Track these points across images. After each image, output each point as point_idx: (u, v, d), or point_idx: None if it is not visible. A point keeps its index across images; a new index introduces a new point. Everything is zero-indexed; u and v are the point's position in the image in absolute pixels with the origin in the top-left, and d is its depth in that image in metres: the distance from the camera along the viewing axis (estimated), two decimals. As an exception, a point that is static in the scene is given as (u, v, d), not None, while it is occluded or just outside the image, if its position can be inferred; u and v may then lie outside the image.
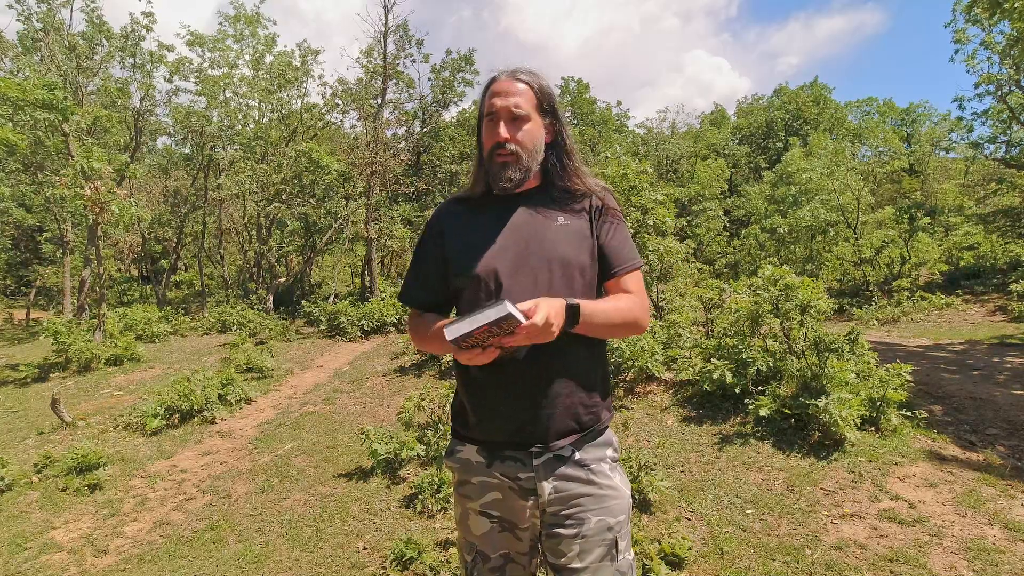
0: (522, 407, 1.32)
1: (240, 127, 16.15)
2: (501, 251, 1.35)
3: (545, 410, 1.32)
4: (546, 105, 1.40)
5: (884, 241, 15.70)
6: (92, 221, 10.05)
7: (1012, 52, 12.45)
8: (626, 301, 1.36)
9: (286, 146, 15.73)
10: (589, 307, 1.25)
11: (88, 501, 4.29)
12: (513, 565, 1.41)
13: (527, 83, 1.37)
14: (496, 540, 1.39)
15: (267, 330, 11.27)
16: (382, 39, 15.40)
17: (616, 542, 1.34)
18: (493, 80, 1.39)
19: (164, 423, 5.82)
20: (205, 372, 6.96)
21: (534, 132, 1.37)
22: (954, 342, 7.96)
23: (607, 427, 1.44)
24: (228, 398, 6.49)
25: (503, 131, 1.32)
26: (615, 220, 1.44)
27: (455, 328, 1.11)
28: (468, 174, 1.57)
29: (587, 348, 1.38)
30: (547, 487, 1.33)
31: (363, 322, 11.09)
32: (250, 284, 17.21)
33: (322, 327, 11.54)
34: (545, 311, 1.12)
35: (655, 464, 3.72)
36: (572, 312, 1.22)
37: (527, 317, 1.11)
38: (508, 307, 1.08)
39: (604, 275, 1.42)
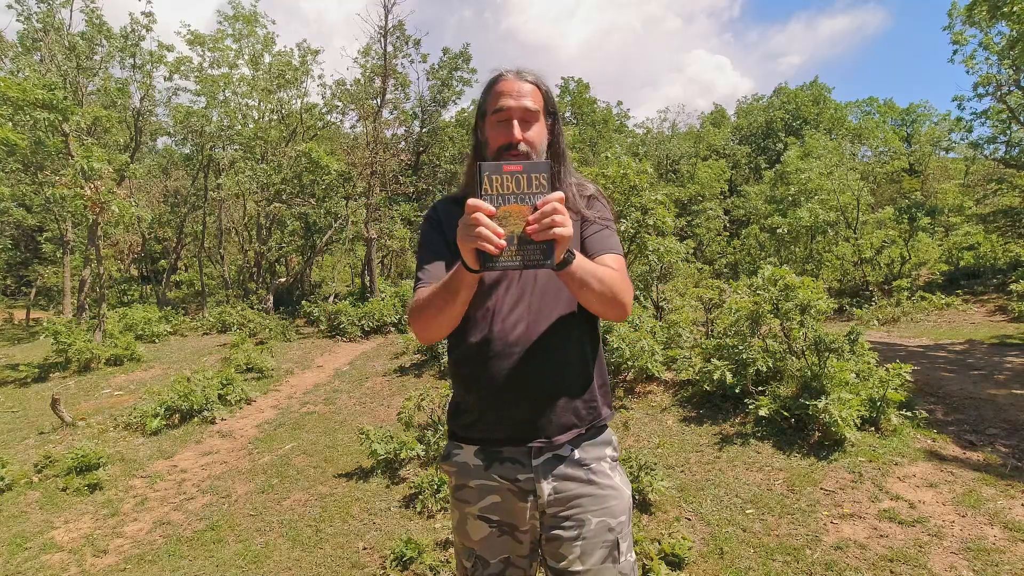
0: (521, 403, 1.31)
1: (240, 127, 16.14)
2: None
3: (545, 405, 1.31)
4: (550, 107, 1.40)
5: (884, 241, 15.69)
6: (92, 221, 10.06)
7: (1011, 53, 12.44)
8: (610, 271, 1.28)
9: (286, 146, 15.73)
10: (581, 256, 1.19)
11: (88, 501, 4.29)
12: (513, 569, 1.39)
13: (535, 84, 1.36)
14: (496, 544, 1.37)
15: (267, 330, 11.27)
16: (381, 39, 15.39)
17: (617, 543, 1.33)
18: (499, 78, 1.36)
19: (164, 423, 5.82)
20: (205, 372, 6.96)
21: (541, 133, 1.37)
22: (954, 342, 7.96)
23: (606, 425, 1.43)
24: (228, 398, 6.49)
25: (517, 132, 1.31)
26: (597, 223, 1.41)
27: (493, 164, 1.05)
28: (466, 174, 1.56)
29: (585, 341, 1.37)
30: (546, 488, 1.31)
31: (363, 322, 11.09)
32: (250, 284, 17.20)
33: (322, 327, 11.54)
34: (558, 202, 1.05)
35: (655, 464, 3.72)
36: (569, 252, 1.15)
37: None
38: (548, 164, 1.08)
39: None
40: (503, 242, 1.03)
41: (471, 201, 1.04)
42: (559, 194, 1.05)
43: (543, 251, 1.05)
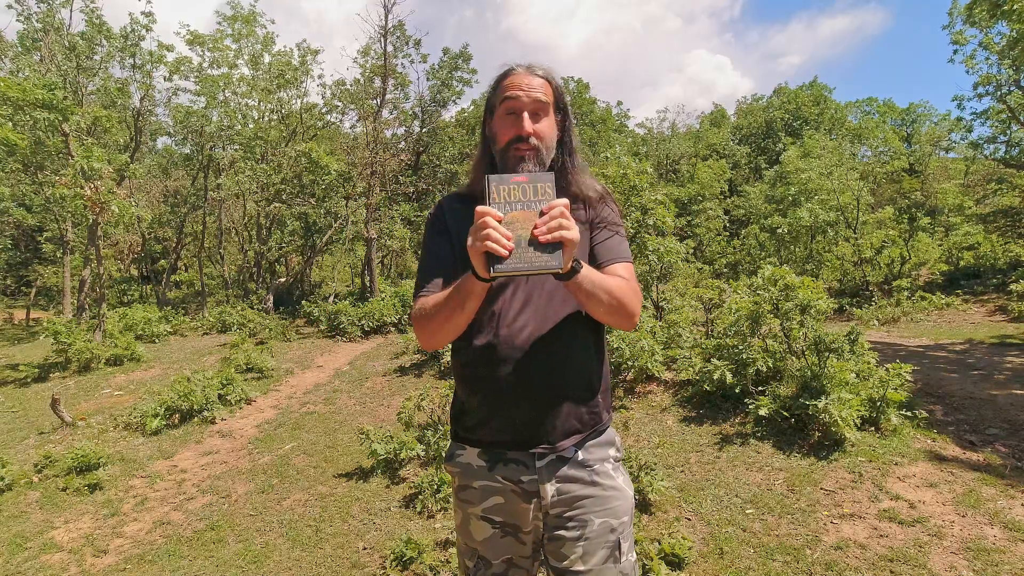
0: (526, 407, 1.30)
1: (240, 127, 16.14)
2: None
3: (549, 410, 1.31)
4: (560, 102, 1.38)
5: (884, 241, 15.69)
6: (92, 221, 10.06)
7: (1011, 53, 12.44)
8: (620, 281, 1.29)
9: (286, 146, 15.73)
10: (588, 266, 1.19)
11: (88, 501, 4.29)
12: (516, 570, 1.39)
13: (545, 79, 1.34)
14: (499, 545, 1.37)
15: (267, 330, 11.27)
16: (381, 39, 15.39)
17: (619, 544, 1.33)
18: (509, 72, 1.35)
19: (164, 423, 5.82)
20: (205, 372, 6.96)
21: (552, 128, 1.36)
22: (954, 342, 7.96)
23: (608, 427, 1.43)
24: (228, 398, 6.49)
25: (527, 125, 1.29)
26: (609, 228, 1.42)
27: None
28: (468, 174, 1.54)
29: (590, 347, 1.37)
30: (550, 489, 1.31)
31: (363, 322, 11.09)
32: (250, 284, 17.21)
33: (322, 327, 11.54)
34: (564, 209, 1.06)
35: (655, 464, 3.72)
36: (576, 262, 1.15)
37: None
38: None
39: (593, 265, 1.38)
40: (511, 244, 1.05)
41: (479, 208, 1.06)
42: (564, 200, 1.08)
43: (551, 255, 1.06)
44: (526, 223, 1.07)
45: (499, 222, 1.06)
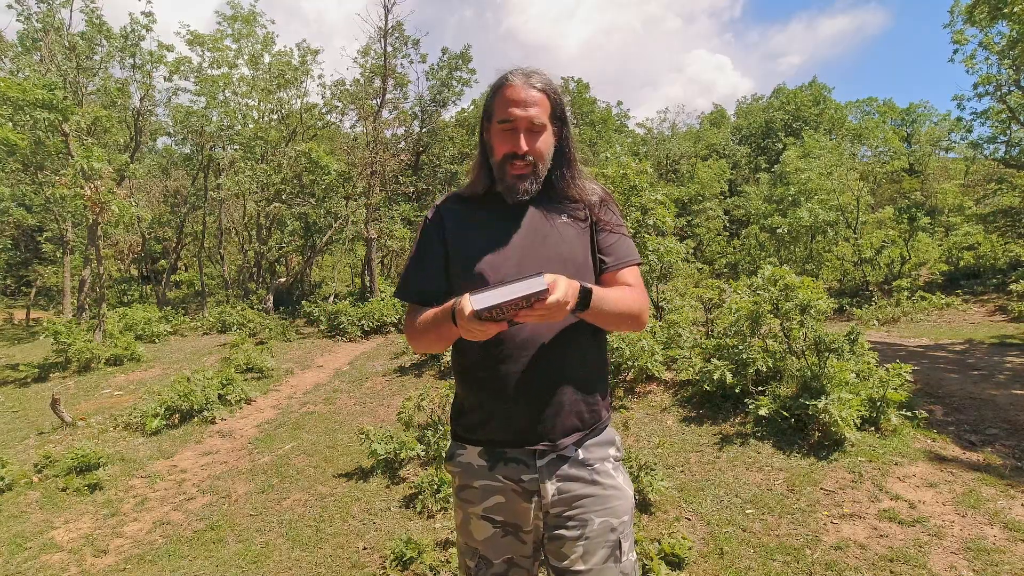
0: (526, 406, 1.31)
1: (240, 127, 16.14)
2: (507, 253, 1.35)
3: (550, 408, 1.31)
4: (558, 112, 1.37)
5: (884, 241, 15.68)
6: (92, 221, 10.06)
7: (1011, 53, 12.45)
8: (629, 293, 1.34)
9: (286, 146, 15.73)
10: (599, 292, 1.22)
11: (88, 501, 4.29)
12: (517, 569, 1.39)
13: (544, 91, 1.33)
14: (499, 545, 1.37)
15: (267, 330, 11.27)
16: (381, 39, 15.39)
17: (619, 543, 1.33)
18: (506, 82, 1.32)
19: (164, 423, 5.82)
20: (205, 372, 6.96)
21: (549, 142, 1.36)
22: (954, 342, 7.96)
23: (608, 425, 1.43)
24: (228, 398, 6.49)
25: (523, 143, 1.30)
26: (615, 231, 1.43)
27: (483, 297, 1.04)
28: (467, 174, 1.55)
29: (590, 345, 1.38)
30: (550, 488, 1.32)
31: (363, 322, 11.09)
32: (250, 284, 17.21)
33: (322, 327, 11.54)
34: (564, 288, 1.09)
35: (655, 464, 3.72)
36: (584, 295, 1.18)
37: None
38: (544, 281, 1.05)
39: (602, 269, 1.41)
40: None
41: (478, 325, 1.09)
42: (554, 300, 1.08)
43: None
44: (515, 308, 1.10)
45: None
